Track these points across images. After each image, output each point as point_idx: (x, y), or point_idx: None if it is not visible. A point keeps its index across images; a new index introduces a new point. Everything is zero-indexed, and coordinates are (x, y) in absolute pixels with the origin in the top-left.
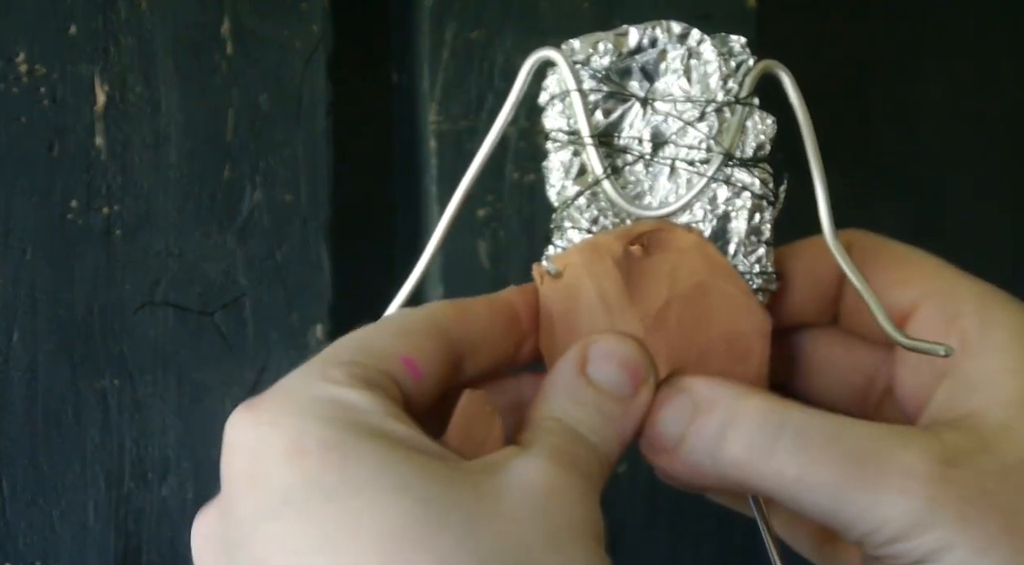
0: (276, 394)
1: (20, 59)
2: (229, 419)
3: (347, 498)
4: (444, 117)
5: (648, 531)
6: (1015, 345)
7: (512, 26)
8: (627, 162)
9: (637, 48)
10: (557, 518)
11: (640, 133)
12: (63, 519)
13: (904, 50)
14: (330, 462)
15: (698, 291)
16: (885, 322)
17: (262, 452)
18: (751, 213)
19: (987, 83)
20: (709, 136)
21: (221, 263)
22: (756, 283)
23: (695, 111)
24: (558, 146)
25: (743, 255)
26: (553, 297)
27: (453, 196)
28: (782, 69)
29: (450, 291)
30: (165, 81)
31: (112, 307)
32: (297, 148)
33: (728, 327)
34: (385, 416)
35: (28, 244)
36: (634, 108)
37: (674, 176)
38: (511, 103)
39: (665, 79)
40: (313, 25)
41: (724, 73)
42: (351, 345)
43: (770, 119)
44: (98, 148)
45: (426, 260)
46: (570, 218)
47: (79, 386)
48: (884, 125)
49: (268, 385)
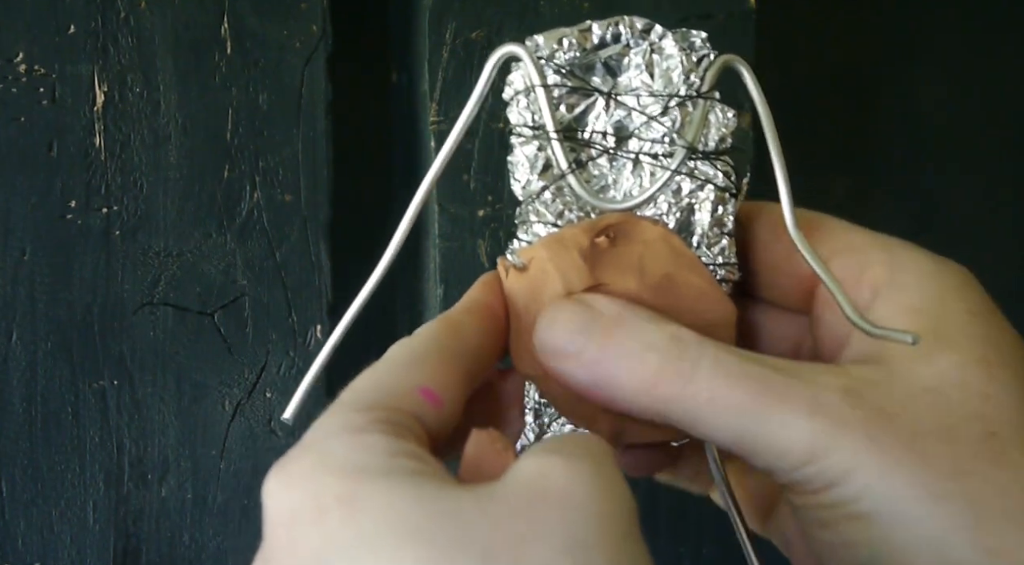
0: (301, 452)
1: (19, 59)
2: (264, 487)
3: (366, 555)
4: (444, 117)
5: (648, 531)
6: (921, 285)
7: (512, 26)
8: (591, 156)
9: (600, 43)
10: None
11: (604, 127)
12: (62, 519)
13: (904, 50)
14: (347, 518)
15: (665, 282)
16: (851, 311)
17: (293, 517)
18: (714, 205)
19: (987, 83)
20: (672, 130)
21: (221, 263)
22: (720, 273)
23: (658, 105)
24: (523, 141)
25: (706, 246)
26: (518, 291)
27: (417, 191)
28: (742, 63)
29: (450, 291)
30: (165, 81)
31: (111, 307)
32: (297, 148)
33: (695, 317)
34: (405, 457)
35: (27, 244)
36: (598, 103)
37: (638, 169)
38: (475, 98)
39: (628, 74)
40: (313, 25)
41: (686, 67)
42: (368, 386)
43: (731, 113)
44: (97, 148)
45: (388, 258)
46: (536, 212)
47: (78, 386)
48: (884, 125)
49: (268, 385)
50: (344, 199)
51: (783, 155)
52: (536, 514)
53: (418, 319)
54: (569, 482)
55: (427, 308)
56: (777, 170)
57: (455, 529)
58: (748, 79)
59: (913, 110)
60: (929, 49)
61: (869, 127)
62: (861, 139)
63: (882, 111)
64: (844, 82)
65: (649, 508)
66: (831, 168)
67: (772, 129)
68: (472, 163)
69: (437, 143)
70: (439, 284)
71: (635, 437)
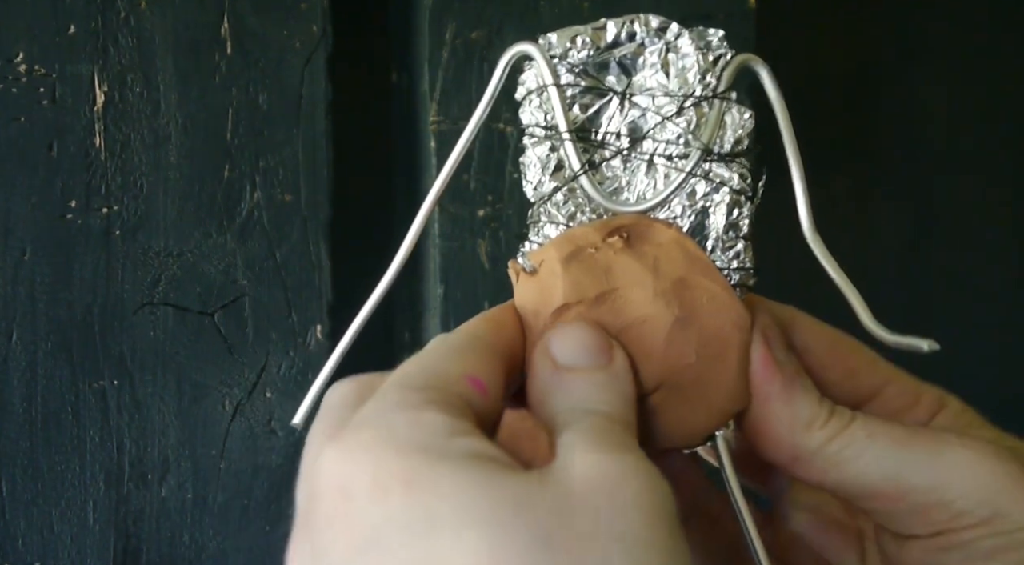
0: (358, 427)
1: (19, 59)
2: (320, 456)
3: (428, 535)
4: (444, 117)
5: None
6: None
7: (512, 26)
8: (604, 157)
9: (615, 42)
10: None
11: (618, 128)
12: (62, 519)
13: (904, 50)
14: (409, 498)
15: (679, 286)
16: (869, 320)
17: (351, 491)
18: (729, 208)
19: (987, 83)
20: (687, 131)
21: (221, 263)
22: (734, 279)
23: (673, 106)
24: (535, 141)
25: (721, 250)
26: (529, 295)
27: (430, 192)
28: (760, 63)
29: (450, 291)
30: (165, 81)
31: (112, 307)
32: (297, 148)
33: (709, 322)
34: (465, 436)
35: (27, 244)
36: (612, 103)
37: (651, 171)
38: (488, 97)
39: (643, 73)
40: (313, 25)
41: (702, 67)
42: (419, 370)
43: (748, 114)
44: (97, 148)
45: (402, 256)
46: (547, 214)
47: (78, 386)
48: (884, 125)
49: (268, 385)
50: (344, 199)
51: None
52: (593, 507)
53: (418, 319)
54: (621, 476)
55: (427, 308)
56: (794, 171)
57: (517, 516)
58: (766, 79)
59: (913, 110)
60: (929, 49)
61: (869, 127)
62: (861, 139)
63: (882, 111)
64: (844, 82)
65: None
66: (831, 168)
67: (790, 130)
68: (472, 163)
69: (437, 143)
70: (439, 284)
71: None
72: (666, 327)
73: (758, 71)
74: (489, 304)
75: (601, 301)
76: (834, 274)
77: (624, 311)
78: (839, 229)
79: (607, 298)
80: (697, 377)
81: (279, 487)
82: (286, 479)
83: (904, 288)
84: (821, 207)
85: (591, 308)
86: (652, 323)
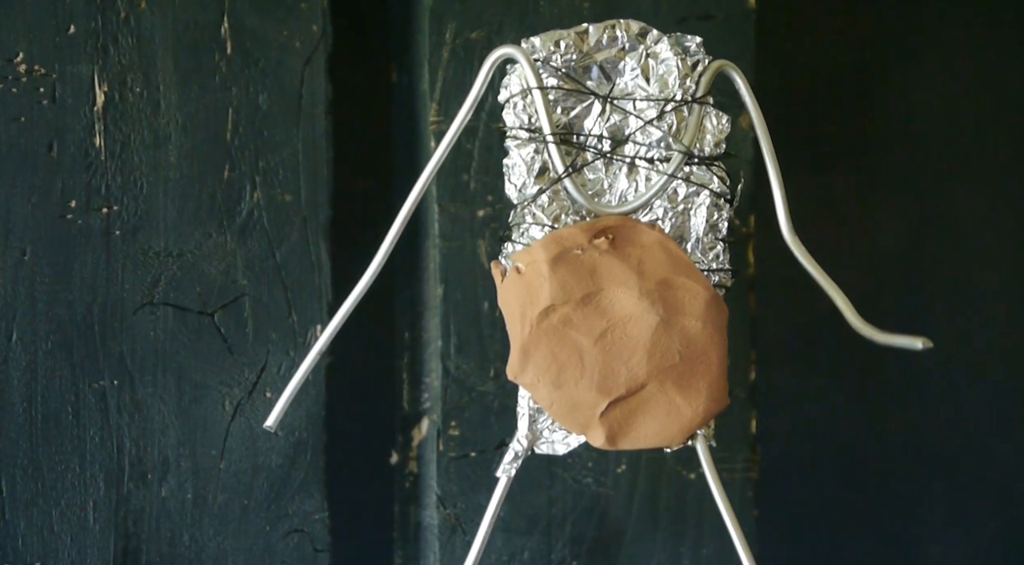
0: None
1: (19, 59)
2: None
3: None
4: (444, 117)
5: (648, 531)
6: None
7: (512, 26)
8: (587, 160)
9: (597, 46)
10: None
11: (600, 131)
12: (62, 519)
13: (904, 50)
14: None
15: (663, 287)
16: (856, 320)
17: None
18: (709, 211)
19: (987, 83)
20: (668, 134)
21: (221, 263)
22: (714, 279)
23: (654, 110)
24: (519, 144)
25: (701, 252)
26: (514, 295)
27: (413, 189)
28: (734, 69)
29: (450, 291)
30: (165, 81)
31: (112, 307)
32: (297, 148)
33: (691, 320)
34: None
35: (27, 244)
36: (594, 106)
37: (633, 174)
38: (471, 99)
39: (624, 78)
40: (313, 25)
41: (681, 72)
42: None
43: (725, 118)
44: (97, 148)
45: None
46: (532, 215)
47: (78, 386)
48: (884, 125)
49: (268, 385)
50: (344, 199)
51: (777, 159)
52: None
53: (418, 319)
54: None
55: (427, 308)
56: (771, 174)
57: None
58: (741, 85)
59: (914, 110)
60: (929, 49)
61: (869, 127)
62: (861, 139)
63: (882, 111)
64: (844, 82)
65: (649, 508)
66: (831, 168)
67: (765, 133)
68: (472, 163)
69: (437, 143)
70: (439, 284)
71: (629, 443)
72: (651, 327)
73: (733, 77)
74: (489, 304)
75: (587, 302)
76: (816, 275)
77: (609, 311)
78: (839, 229)
79: (593, 298)
80: (680, 377)
81: (279, 487)
82: (286, 479)
83: (904, 288)
84: (821, 206)
85: (577, 309)
86: (637, 323)
